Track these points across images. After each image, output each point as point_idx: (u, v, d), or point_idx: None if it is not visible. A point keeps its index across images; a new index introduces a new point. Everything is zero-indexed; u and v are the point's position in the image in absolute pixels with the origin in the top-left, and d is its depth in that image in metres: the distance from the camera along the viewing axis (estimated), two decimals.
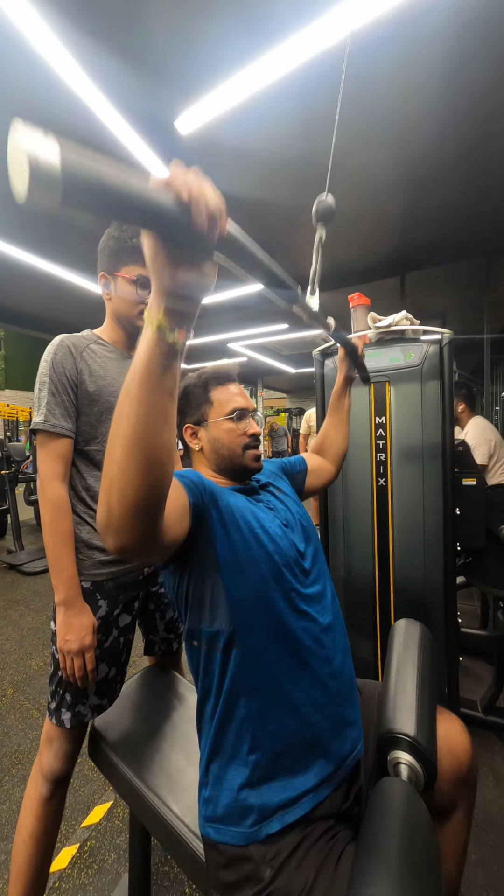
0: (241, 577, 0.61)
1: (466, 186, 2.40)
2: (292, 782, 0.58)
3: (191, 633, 0.64)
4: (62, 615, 0.84)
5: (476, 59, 1.55)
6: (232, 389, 0.82)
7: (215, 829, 0.58)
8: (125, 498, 0.42)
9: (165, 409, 0.42)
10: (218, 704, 0.61)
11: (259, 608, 0.61)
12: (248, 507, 0.69)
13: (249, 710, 0.59)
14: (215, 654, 0.61)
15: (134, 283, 0.94)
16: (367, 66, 1.54)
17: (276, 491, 0.84)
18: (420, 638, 0.80)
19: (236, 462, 0.78)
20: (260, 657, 0.60)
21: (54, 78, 1.57)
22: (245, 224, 1.63)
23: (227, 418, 0.78)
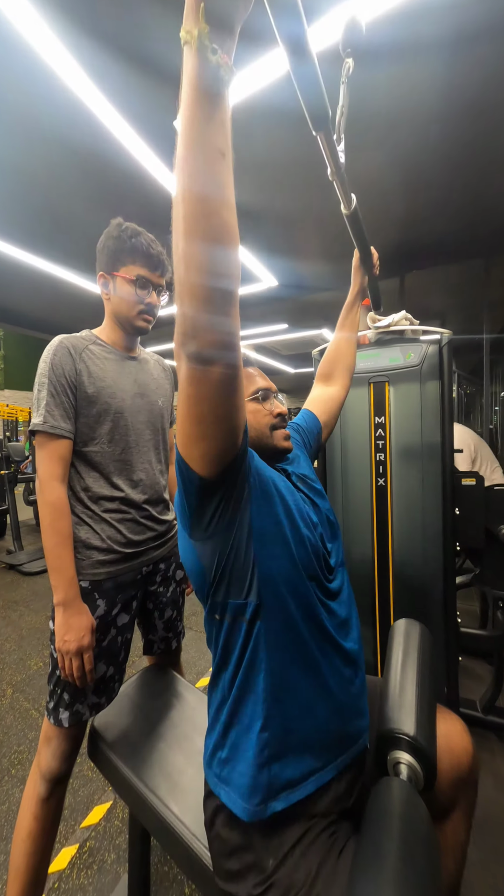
0: (272, 551, 0.59)
1: (465, 187, 2.40)
2: (300, 762, 0.58)
3: (214, 607, 0.61)
4: (61, 615, 0.84)
5: (475, 60, 1.55)
6: (251, 371, 0.80)
7: (226, 792, 0.58)
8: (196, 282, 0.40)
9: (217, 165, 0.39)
10: (238, 674, 0.59)
11: (286, 587, 0.60)
12: (288, 487, 0.68)
13: (266, 687, 0.58)
14: (240, 625, 0.59)
15: (133, 282, 0.94)
16: (366, 66, 1.54)
17: (307, 480, 0.82)
18: (420, 638, 0.80)
19: (265, 443, 0.75)
20: (282, 635, 0.59)
21: (53, 77, 1.57)
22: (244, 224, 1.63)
23: (252, 399, 0.76)
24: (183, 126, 0.38)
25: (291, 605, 0.60)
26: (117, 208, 2.50)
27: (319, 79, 0.51)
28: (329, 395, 1.05)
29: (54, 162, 2.12)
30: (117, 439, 0.95)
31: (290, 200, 2.49)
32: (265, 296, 4.03)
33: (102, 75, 1.58)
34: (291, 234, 2.91)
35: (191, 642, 2.31)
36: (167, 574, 1.07)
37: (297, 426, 0.95)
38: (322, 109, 0.55)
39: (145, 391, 1.03)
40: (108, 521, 0.93)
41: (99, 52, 1.48)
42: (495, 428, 4.98)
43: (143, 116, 1.79)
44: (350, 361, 1.09)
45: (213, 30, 0.35)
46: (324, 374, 1.09)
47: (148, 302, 0.97)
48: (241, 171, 2.20)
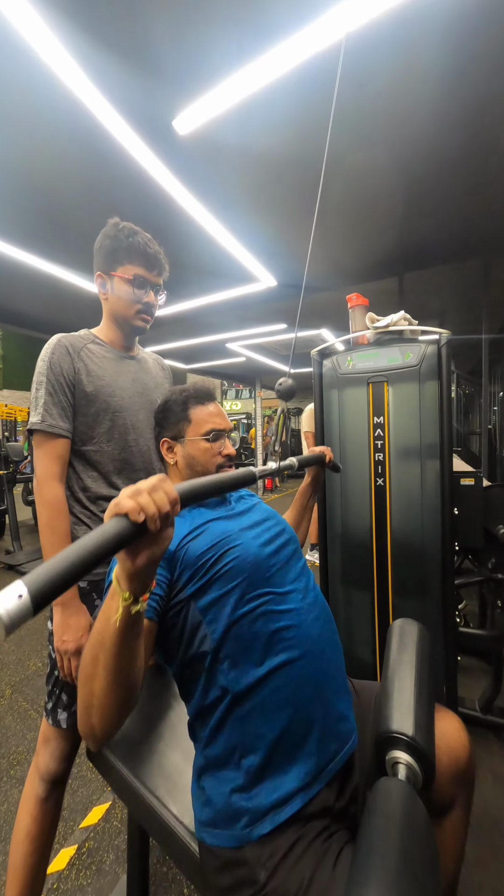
0: (211, 597, 0.64)
1: (464, 187, 2.40)
2: (283, 781, 0.58)
3: (179, 667, 0.67)
4: (59, 615, 0.83)
5: (475, 60, 1.55)
6: (210, 409, 0.85)
7: (210, 833, 0.59)
8: (106, 718, 0.53)
9: (136, 652, 0.51)
10: (209, 718, 0.62)
11: (237, 618, 0.62)
12: (213, 524, 0.72)
13: (239, 716, 0.59)
14: (201, 675, 0.63)
15: (130, 282, 0.94)
16: (365, 66, 1.54)
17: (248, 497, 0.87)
18: (418, 637, 0.80)
19: None
20: (244, 663, 0.61)
21: (51, 76, 1.57)
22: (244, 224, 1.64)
23: (203, 438, 0.82)
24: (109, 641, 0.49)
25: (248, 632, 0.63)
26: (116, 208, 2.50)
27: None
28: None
29: (54, 162, 2.12)
30: (116, 438, 0.95)
31: (290, 200, 2.49)
32: (264, 296, 4.03)
33: (102, 75, 1.58)
34: (291, 234, 2.91)
35: None
36: None
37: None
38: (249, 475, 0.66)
39: (144, 390, 1.03)
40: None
41: (99, 52, 1.48)
42: (494, 428, 4.99)
43: (142, 116, 1.79)
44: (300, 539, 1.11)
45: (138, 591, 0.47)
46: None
47: (146, 301, 0.97)
48: (241, 170, 2.20)
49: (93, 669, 0.51)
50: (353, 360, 1.48)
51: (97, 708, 0.52)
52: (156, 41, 1.45)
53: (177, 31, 1.40)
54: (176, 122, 1.81)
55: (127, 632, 0.48)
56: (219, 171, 2.19)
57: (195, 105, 1.71)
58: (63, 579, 0.35)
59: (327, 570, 1.55)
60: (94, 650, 0.50)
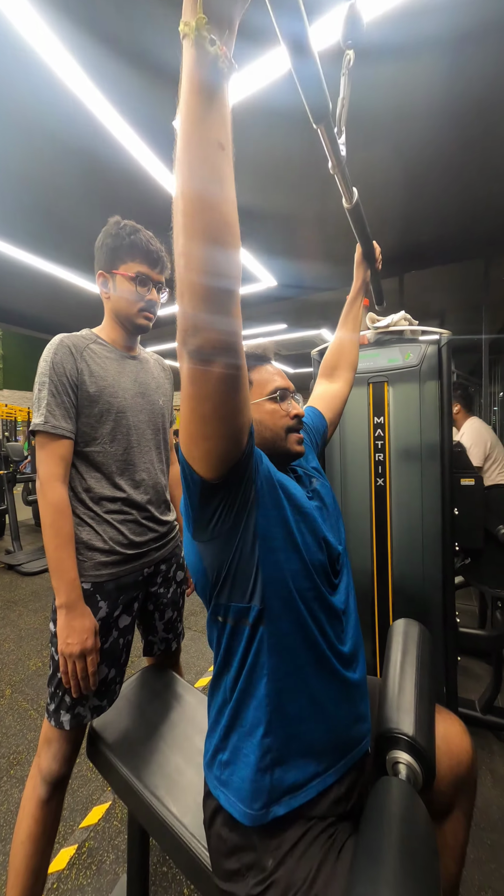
0: (278, 557, 0.58)
1: (465, 187, 2.40)
2: (302, 767, 0.58)
3: (217, 609, 0.61)
4: (63, 618, 0.83)
5: (475, 60, 1.55)
6: (270, 369, 0.78)
7: (226, 795, 0.58)
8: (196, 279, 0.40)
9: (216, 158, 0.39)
10: (240, 678, 0.59)
11: (290, 592, 0.59)
12: (300, 491, 0.67)
13: (269, 692, 0.58)
14: (242, 629, 0.59)
15: (133, 280, 0.94)
16: (365, 66, 1.54)
17: (316, 478, 0.81)
18: (418, 637, 0.80)
19: (279, 445, 0.72)
20: (285, 640, 0.59)
21: (53, 77, 1.57)
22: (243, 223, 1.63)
23: (269, 398, 0.73)
24: (182, 118, 0.38)
25: (295, 611, 0.59)
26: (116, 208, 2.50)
27: (320, 72, 0.51)
28: (333, 392, 1.04)
29: (54, 162, 2.12)
30: (119, 439, 0.95)
31: (290, 200, 2.49)
32: (264, 296, 4.03)
33: (102, 75, 1.58)
34: (291, 234, 2.91)
35: (190, 642, 2.31)
36: (168, 575, 1.07)
37: (306, 425, 0.92)
38: (322, 102, 0.55)
39: (146, 390, 1.03)
40: (110, 521, 0.93)
41: (99, 52, 1.48)
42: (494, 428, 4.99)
43: (142, 116, 1.79)
44: (353, 357, 1.09)
45: (212, 21, 0.36)
46: (327, 371, 1.08)
47: (148, 299, 0.97)
48: (240, 171, 2.20)
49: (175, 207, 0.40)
50: None
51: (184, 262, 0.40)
52: (156, 41, 1.45)
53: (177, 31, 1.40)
54: (176, 122, 1.81)
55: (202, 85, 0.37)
56: None
57: None
58: None
59: None
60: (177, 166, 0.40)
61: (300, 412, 0.75)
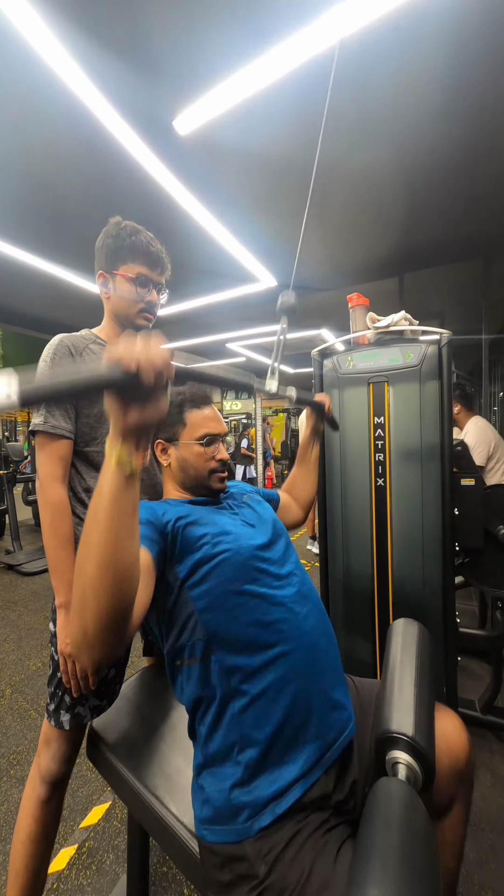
0: (205, 587, 0.64)
1: (465, 187, 2.40)
2: (282, 773, 0.59)
3: (172, 654, 0.66)
4: (63, 617, 0.83)
5: (475, 61, 1.55)
6: (206, 413, 0.86)
7: (210, 830, 0.59)
8: (100, 613, 0.46)
9: (130, 526, 0.47)
10: (206, 715, 0.62)
11: (229, 609, 0.63)
12: (207, 515, 0.73)
13: (235, 711, 0.60)
14: (195, 667, 0.63)
15: (133, 281, 0.94)
16: (366, 66, 1.54)
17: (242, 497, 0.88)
18: (418, 637, 0.80)
19: (202, 483, 0.83)
20: (237, 655, 0.61)
21: (52, 77, 1.57)
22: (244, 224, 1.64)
23: (198, 442, 0.83)
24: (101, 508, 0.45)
25: (240, 624, 0.63)
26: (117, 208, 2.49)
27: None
28: (289, 506, 1.12)
29: (54, 162, 2.12)
30: None
31: (290, 200, 2.49)
32: (264, 296, 4.03)
33: (103, 75, 1.58)
34: (291, 234, 2.91)
35: None
36: None
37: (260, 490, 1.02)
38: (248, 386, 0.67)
39: None
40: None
41: (99, 53, 1.48)
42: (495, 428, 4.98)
43: (142, 116, 1.79)
44: (308, 495, 1.14)
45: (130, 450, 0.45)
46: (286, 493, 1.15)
47: (148, 300, 0.97)
48: (241, 170, 2.20)
49: (85, 552, 0.46)
50: (354, 360, 1.48)
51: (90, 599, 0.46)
52: (156, 41, 1.45)
53: (177, 31, 1.40)
54: (176, 122, 1.81)
55: (120, 493, 0.45)
56: (219, 171, 2.19)
57: (195, 105, 1.71)
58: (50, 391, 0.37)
59: (327, 570, 1.55)
60: (86, 530, 0.47)
61: (225, 457, 0.85)
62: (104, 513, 0.45)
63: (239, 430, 12.65)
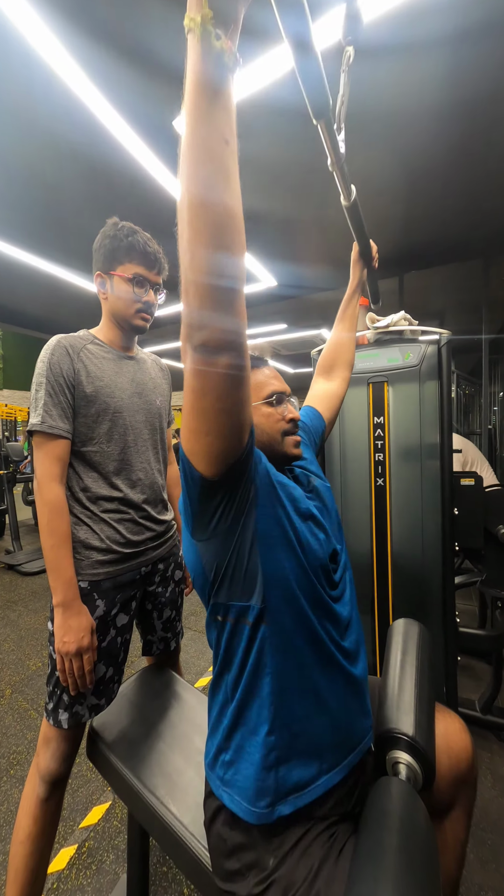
0: (279, 556, 0.58)
1: (465, 188, 2.40)
2: (307, 765, 0.58)
3: (216, 608, 0.61)
4: (60, 616, 0.83)
5: (475, 61, 1.55)
6: (266, 372, 0.77)
7: (229, 795, 0.58)
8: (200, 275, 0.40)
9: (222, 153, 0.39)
10: (242, 677, 0.59)
11: (291, 590, 0.59)
12: (299, 492, 0.67)
13: (272, 690, 0.57)
14: (243, 628, 0.58)
15: (130, 281, 0.94)
16: (366, 66, 1.54)
17: (315, 479, 0.80)
18: (418, 637, 0.80)
19: (276, 449, 0.72)
20: (287, 638, 0.59)
21: (52, 77, 1.57)
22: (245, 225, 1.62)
23: (266, 402, 0.73)
24: (187, 114, 0.39)
25: (297, 608, 0.59)
26: (116, 208, 2.49)
27: (321, 68, 0.51)
28: (330, 391, 1.05)
29: (54, 162, 2.12)
30: (116, 439, 0.95)
31: (290, 200, 2.49)
32: (264, 296, 4.03)
33: (102, 75, 1.58)
34: (291, 234, 2.91)
35: (190, 642, 2.31)
36: (166, 574, 1.07)
37: (304, 425, 0.92)
38: (323, 98, 0.56)
39: (143, 391, 1.03)
40: (107, 521, 0.93)
41: (99, 52, 1.48)
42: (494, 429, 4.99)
43: (142, 116, 1.79)
44: (350, 356, 1.09)
45: (217, 16, 0.36)
46: (324, 369, 1.09)
47: (145, 300, 0.97)
48: (241, 170, 2.20)
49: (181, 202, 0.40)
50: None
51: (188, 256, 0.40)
52: (156, 41, 1.45)
53: (177, 31, 1.40)
54: (176, 122, 1.81)
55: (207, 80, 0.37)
56: None
57: None
58: None
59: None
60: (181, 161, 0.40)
61: (296, 416, 0.75)
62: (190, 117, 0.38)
63: None
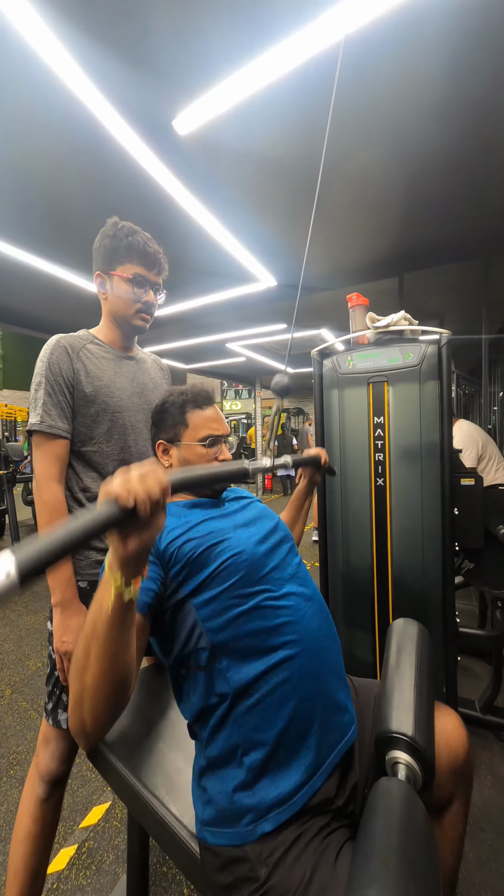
0: (209, 596, 0.64)
1: (465, 187, 2.40)
2: (286, 776, 0.58)
3: (176, 664, 0.66)
4: (59, 616, 0.83)
5: (475, 61, 1.55)
6: (208, 414, 0.85)
7: (211, 832, 0.59)
8: (97, 714, 0.53)
9: (128, 641, 0.52)
10: (210, 719, 0.62)
11: (235, 615, 0.63)
12: (207, 523, 0.72)
13: (240, 713, 0.59)
14: (199, 674, 0.63)
15: (130, 281, 0.94)
16: (366, 66, 1.54)
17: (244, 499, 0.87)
18: (418, 637, 0.80)
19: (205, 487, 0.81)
20: (243, 660, 0.61)
21: (51, 76, 1.57)
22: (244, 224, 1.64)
23: (200, 443, 0.82)
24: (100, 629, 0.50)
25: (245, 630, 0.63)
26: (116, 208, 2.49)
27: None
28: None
29: (53, 161, 2.12)
30: (115, 439, 0.95)
31: (290, 200, 2.49)
32: (264, 296, 4.02)
33: (103, 75, 1.58)
34: (291, 234, 2.91)
35: None
36: None
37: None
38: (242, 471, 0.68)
39: (143, 390, 1.03)
40: None
41: (99, 53, 1.48)
42: (494, 428, 4.99)
43: (142, 116, 1.79)
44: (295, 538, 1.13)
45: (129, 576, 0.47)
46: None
47: (145, 300, 0.97)
48: (241, 170, 2.20)
49: (84, 661, 0.51)
50: (354, 360, 1.48)
51: (88, 701, 0.52)
52: (156, 41, 1.45)
53: (177, 30, 1.40)
54: (176, 122, 1.81)
55: (119, 619, 0.48)
56: (219, 171, 2.19)
57: (195, 105, 1.71)
58: (51, 555, 0.36)
59: (327, 570, 1.55)
60: (86, 641, 0.51)
61: (227, 457, 0.84)
62: (102, 632, 0.49)
63: (239, 430, 12.61)
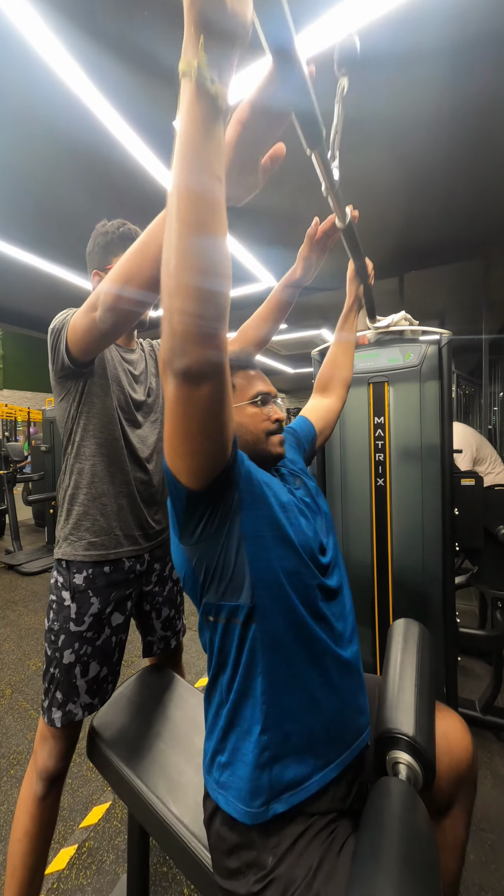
0: (264, 554, 0.59)
1: (465, 188, 2.40)
2: (301, 763, 0.58)
3: (207, 609, 0.61)
4: None
5: (475, 62, 1.55)
6: (252, 374, 0.79)
7: (225, 797, 0.58)
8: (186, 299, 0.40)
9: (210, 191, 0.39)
10: (236, 677, 0.59)
11: (280, 588, 0.59)
12: (282, 489, 0.68)
13: (265, 689, 0.58)
14: (234, 628, 0.59)
15: None
16: (366, 67, 1.54)
17: (301, 476, 0.82)
18: (419, 637, 0.80)
19: (260, 448, 0.74)
20: (278, 636, 0.59)
21: (54, 78, 1.57)
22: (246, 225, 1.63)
23: (251, 402, 0.75)
24: (180, 154, 0.39)
25: (287, 607, 0.59)
26: (116, 207, 2.49)
27: (313, 99, 0.51)
28: (325, 407, 1.05)
29: (53, 161, 2.12)
30: (117, 435, 0.95)
31: (290, 199, 2.49)
32: (264, 296, 4.03)
33: (101, 74, 1.58)
34: (291, 233, 2.91)
35: (190, 642, 2.31)
36: (163, 574, 1.07)
37: (292, 430, 0.95)
38: (316, 128, 0.56)
39: (144, 384, 1.04)
40: (111, 509, 0.94)
41: (98, 52, 1.48)
42: (494, 429, 4.99)
43: (141, 115, 1.79)
44: (346, 373, 1.09)
45: (212, 61, 0.36)
46: (321, 385, 1.09)
47: None
48: None
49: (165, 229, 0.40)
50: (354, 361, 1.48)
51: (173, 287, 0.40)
52: (156, 42, 1.45)
53: (177, 31, 1.40)
54: (176, 123, 1.81)
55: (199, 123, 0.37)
56: None
57: None
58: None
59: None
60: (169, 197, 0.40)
61: (281, 416, 0.77)
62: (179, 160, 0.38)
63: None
